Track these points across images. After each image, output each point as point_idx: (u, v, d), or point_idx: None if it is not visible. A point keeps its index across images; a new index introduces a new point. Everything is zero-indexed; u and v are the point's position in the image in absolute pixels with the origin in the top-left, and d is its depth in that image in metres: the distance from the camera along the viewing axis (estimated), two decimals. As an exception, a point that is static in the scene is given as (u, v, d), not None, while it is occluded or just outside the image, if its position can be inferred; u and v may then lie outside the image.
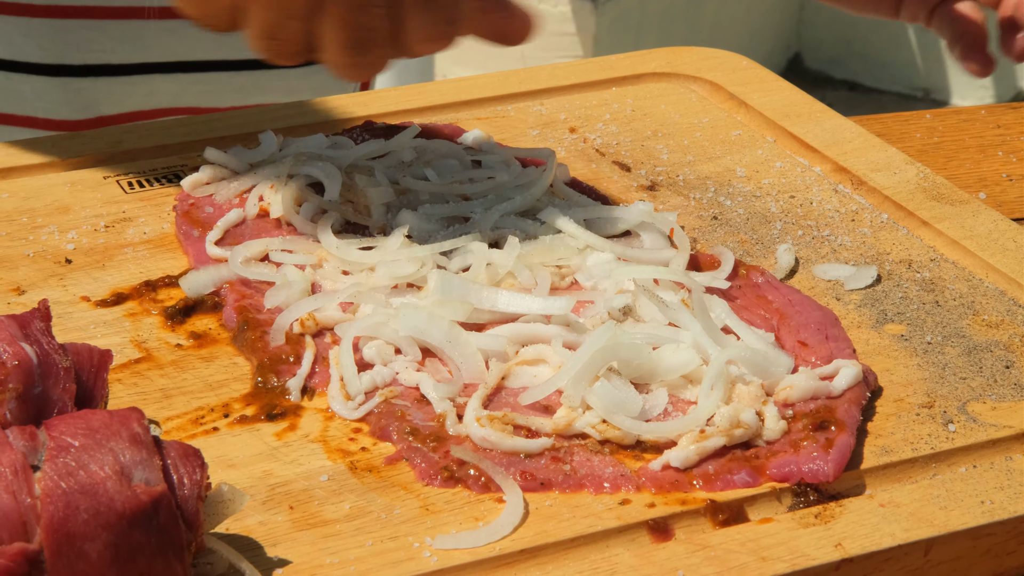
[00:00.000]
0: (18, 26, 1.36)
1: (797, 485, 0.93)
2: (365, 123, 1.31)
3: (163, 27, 1.39)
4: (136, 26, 1.39)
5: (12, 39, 1.36)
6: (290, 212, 1.16)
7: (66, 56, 1.38)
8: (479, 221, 1.14)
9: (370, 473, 0.93)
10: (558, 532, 0.89)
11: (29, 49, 1.37)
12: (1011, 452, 0.96)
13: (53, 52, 1.37)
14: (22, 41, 1.37)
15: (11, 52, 1.37)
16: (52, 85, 1.38)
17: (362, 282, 1.08)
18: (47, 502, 0.78)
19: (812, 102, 1.38)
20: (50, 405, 0.88)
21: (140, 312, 1.08)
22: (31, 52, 1.37)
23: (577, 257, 1.11)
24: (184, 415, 0.98)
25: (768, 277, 1.12)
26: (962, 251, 1.16)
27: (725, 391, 0.97)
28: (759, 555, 0.87)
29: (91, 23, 1.37)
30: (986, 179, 1.38)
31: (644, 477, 0.93)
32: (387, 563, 0.86)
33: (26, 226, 1.18)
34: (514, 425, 0.96)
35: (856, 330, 1.08)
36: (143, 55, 1.40)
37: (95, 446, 0.80)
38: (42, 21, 1.36)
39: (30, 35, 1.36)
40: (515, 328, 1.03)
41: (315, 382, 1.01)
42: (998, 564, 0.92)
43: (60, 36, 1.37)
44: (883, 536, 0.89)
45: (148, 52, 1.39)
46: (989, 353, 1.05)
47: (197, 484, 0.82)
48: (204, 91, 1.42)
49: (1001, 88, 4.19)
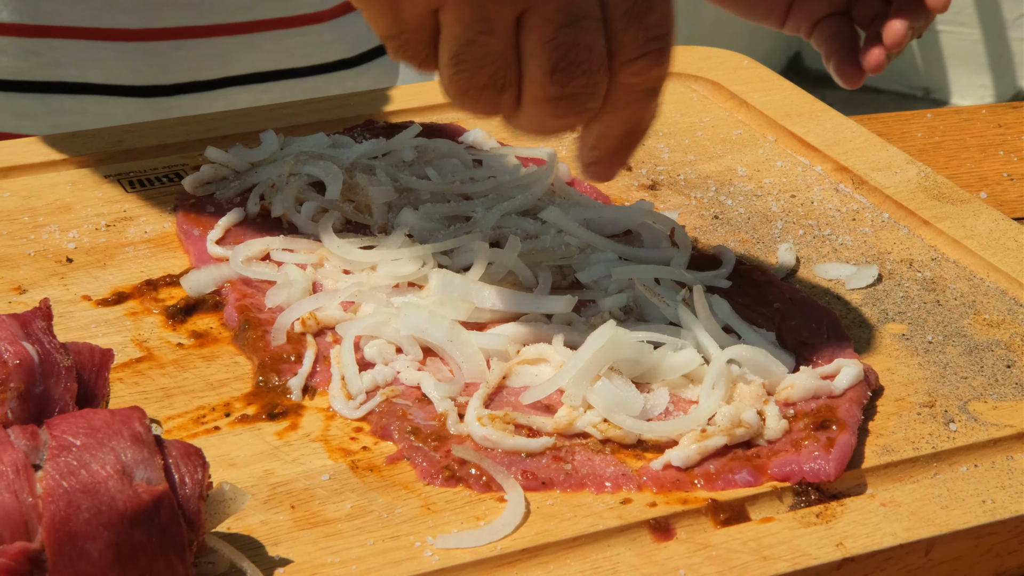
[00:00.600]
0: (111, 51, 1.40)
1: (798, 484, 0.93)
2: (366, 122, 1.31)
3: (243, 42, 1.43)
4: (220, 43, 1.43)
5: (107, 64, 1.40)
6: (291, 211, 1.16)
7: (158, 77, 1.42)
8: (480, 220, 1.14)
9: (371, 472, 0.93)
10: (559, 531, 0.89)
11: (123, 73, 1.41)
12: (1012, 451, 0.96)
13: (145, 74, 1.41)
14: (116, 65, 1.41)
15: (106, 76, 1.41)
16: (143, 106, 1.42)
17: (363, 281, 1.08)
18: (49, 501, 0.78)
19: (813, 101, 1.38)
20: (51, 404, 0.88)
21: (141, 311, 1.08)
22: (125, 75, 1.41)
23: (578, 256, 1.11)
24: (185, 414, 0.98)
25: (769, 276, 1.12)
26: (963, 250, 1.16)
27: (726, 390, 0.97)
28: (760, 554, 0.87)
29: (180, 43, 1.42)
30: (987, 178, 1.38)
31: (645, 476, 0.93)
32: (388, 562, 0.86)
33: (27, 225, 1.18)
34: (515, 424, 0.96)
35: (857, 329, 1.08)
36: (224, 70, 1.44)
37: (97, 445, 0.80)
38: (136, 45, 1.40)
39: (123, 59, 1.40)
40: (516, 327, 1.03)
41: (316, 381, 1.01)
42: (999, 563, 0.92)
43: (152, 58, 1.41)
44: (884, 535, 0.89)
45: (228, 67, 1.43)
46: (990, 352, 1.05)
47: (199, 483, 0.82)
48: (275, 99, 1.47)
49: (1001, 88, 4.19)
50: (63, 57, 1.39)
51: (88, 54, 1.40)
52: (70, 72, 1.40)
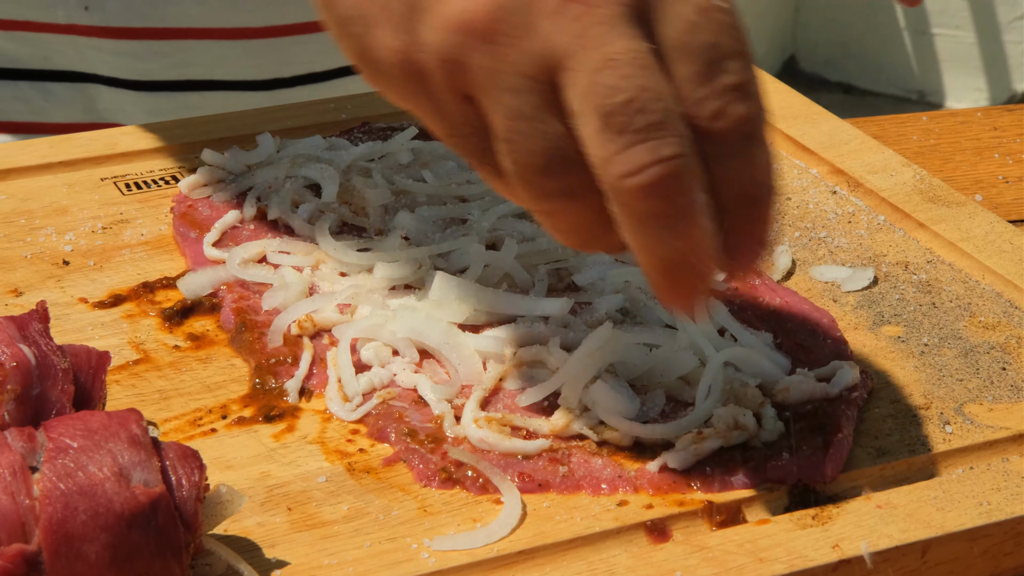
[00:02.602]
0: (236, 49, 1.45)
1: (794, 486, 0.93)
2: (362, 124, 1.31)
3: None
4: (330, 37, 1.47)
5: (231, 61, 1.46)
6: (287, 214, 1.16)
7: (278, 70, 1.47)
8: (477, 223, 1.14)
9: (368, 474, 0.93)
10: (556, 533, 0.89)
11: (247, 68, 1.46)
12: (1008, 453, 0.96)
13: (267, 68, 1.47)
14: (240, 62, 1.46)
15: (231, 73, 1.47)
16: (265, 98, 1.48)
17: (360, 284, 1.08)
18: (46, 503, 0.78)
19: (809, 104, 1.38)
20: (48, 406, 0.88)
21: (138, 314, 1.08)
22: (248, 71, 1.47)
23: (574, 259, 1.11)
24: (182, 416, 0.98)
25: (765, 279, 1.12)
26: (959, 253, 1.16)
27: (723, 393, 0.97)
28: (757, 556, 0.87)
29: (298, 39, 1.47)
30: (982, 181, 1.38)
31: (642, 478, 0.93)
32: (385, 564, 0.86)
33: (24, 227, 1.18)
34: (512, 426, 0.96)
35: (853, 332, 1.08)
36: (340, 60, 1.47)
37: (94, 447, 0.80)
38: (259, 42, 1.45)
39: (247, 55, 1.46)
40: (512, 330, 1.03)
41: (313, 383, 1.01)
42: (995, 565, 0.92)
43: (273, 53, 1.46)
44: (880, 537, 0.89)
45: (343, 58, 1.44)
46: (986, 355, 1.06)
47: (196, 485, 0.82)
48: None
49: (996, 91, 4.19)
50: (190, 57, 1.45)
51: (214, 53, 1.45)
52: (197, 71, 1.45)
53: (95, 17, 1.43)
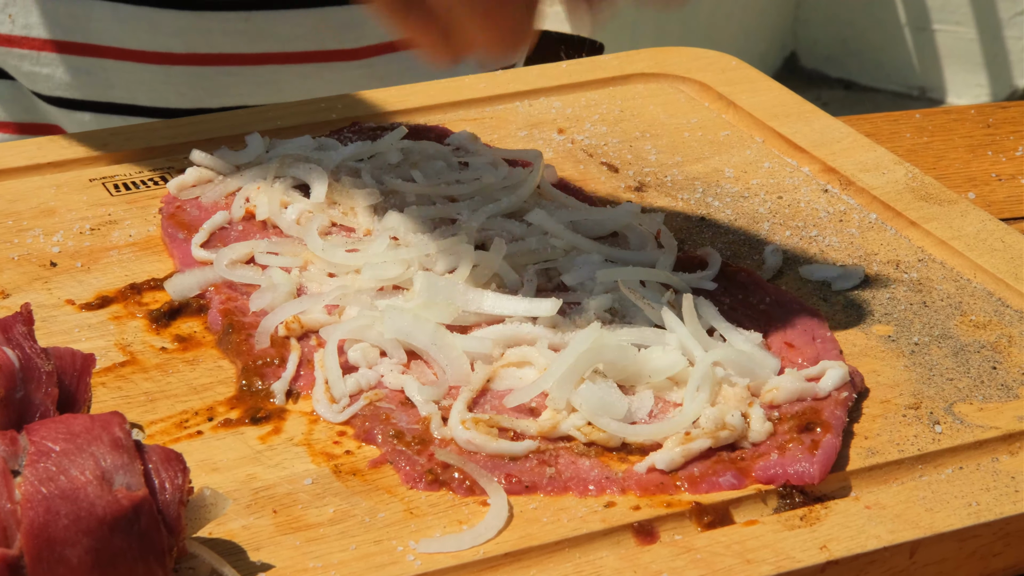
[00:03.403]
0: (157, 74, 1.42)
1: (782, 487, 0.92)
2: (352, 124, 1.31)
3: (297, 72, 1.43)
4: (271, 71, 1.43)
5: (153, 86, 1.42)
6: (276, 214, 1.15)
7: (204, 100, 1.43)
8: (466, 223, 1.13)
9: (354, 476, 0.93)
10: (542, 535, 0.88)
11: (169, 95, 1.43)
12: (997, 453, 0.96)
13: (191, 97, 1.43)
14: (162, 88, 1.42)
15: (153, 99, 1.43)
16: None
17: (348, 284, 1.07)
18: (27, 507, 0.78)
19: (801, 102, 1.38)
20: (32, 409, 0.88)
21: (125, 315, 1.08)
22: (171, 98, 1.43)
23: (563, 259, 1.11)
24: (168, 419, 0.98)
25: (755, 278, 1.11)
26: (950, 251, 1.16)
27: (711, 393, 0.97)
28: (744, 557, 0.87)
29: (229, 69, 1.43)
30: (975, 179, 1.37)
31: (629, 479, 0.92)
32: (371, 567, 0.86)
33: (11, 229, 1.17)
34: (499, 428, 0.95)
35: (843, 331, 1.08)
36: (278, 96, 1.44)
37: (76, 451, 0.80)
38: (182, 68, 1.42)
39: (169, 82, 1.42)
40: (501, 330, 1.03)
41: (300, 385, 1.00)
42: (984, 566, 0.91)
43: (198, 82, 1.42)
44: (868, 538, 0.88)
45: (281, 94, 1.43)
46: (976, 354, 1.05)
47: (179, 488, 0.81)
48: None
49: (997, 87, 4.19)
50: (112, 78, 1.42)
51: (135, 76, 1.42)
52: (118, 93, 1.43)
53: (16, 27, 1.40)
